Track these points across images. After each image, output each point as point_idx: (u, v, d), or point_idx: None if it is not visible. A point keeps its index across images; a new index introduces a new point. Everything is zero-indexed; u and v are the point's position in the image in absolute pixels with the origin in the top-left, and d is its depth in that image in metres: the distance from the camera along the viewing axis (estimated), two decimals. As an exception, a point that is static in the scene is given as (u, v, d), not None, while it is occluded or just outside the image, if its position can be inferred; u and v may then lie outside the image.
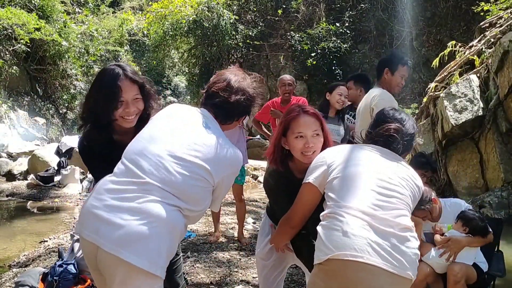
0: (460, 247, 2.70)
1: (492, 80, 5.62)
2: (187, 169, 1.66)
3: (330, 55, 10.03)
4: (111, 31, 16.29)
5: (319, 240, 1.68)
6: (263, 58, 12.06)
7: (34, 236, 5.06)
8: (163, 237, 1.59)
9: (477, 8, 6.87)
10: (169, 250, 1.63)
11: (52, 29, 12.70)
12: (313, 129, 1.98)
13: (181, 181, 1.65)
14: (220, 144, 1.77)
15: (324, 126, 2.04)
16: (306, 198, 1.89)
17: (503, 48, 5.26)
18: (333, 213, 1.70)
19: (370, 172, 1.78)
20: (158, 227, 1.58)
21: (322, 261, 1.64)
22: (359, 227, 1.61)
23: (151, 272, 1.55)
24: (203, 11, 11.21)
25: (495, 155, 5.37)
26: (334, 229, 1.65)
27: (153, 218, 1.58)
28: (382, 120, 1.96)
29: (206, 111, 1.87)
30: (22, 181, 8.47)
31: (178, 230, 1.66)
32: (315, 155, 1.97)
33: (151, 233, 1.56)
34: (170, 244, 1.62)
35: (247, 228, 4.98)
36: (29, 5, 13.04)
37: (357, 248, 1.57)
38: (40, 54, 13.24)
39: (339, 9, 11.18)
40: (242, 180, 4.48)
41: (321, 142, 2.02)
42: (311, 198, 1.88)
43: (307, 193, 1.90)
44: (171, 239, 1.63)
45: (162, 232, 1.59)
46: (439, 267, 2.76)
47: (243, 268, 3.75)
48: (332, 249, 1.61)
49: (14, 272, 3.75)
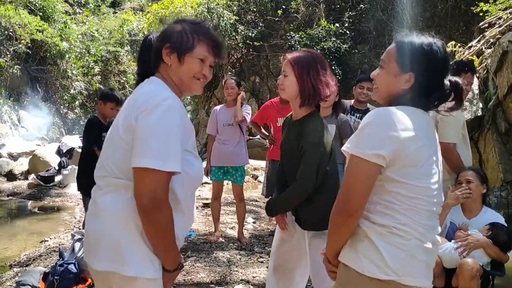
0: (478, 245, 2.72)
1: (491, 81, 5.63)
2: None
3: (329, 56, 10.04)
4: (112, 31, 16.31)
5: (376, 253, 1.39)
6: (263, 58, 12.07)
7: (35, 235, 5.08)
8: (116, 230, 1.36)
9: (476, 9, 6.88)
10: (134, 242, 1.35)
11: (53, 31, 12.72)
12: (283, 70, 2.22)
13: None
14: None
15: (296, 71, 2.16)
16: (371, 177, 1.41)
17: (502, 49, 5.28)
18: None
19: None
20: (105, 220, 1.40)
21: (379, 278, 1.39)
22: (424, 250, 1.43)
23: (126, 275, 1.33)
24: (203, 12, 11.23)
25: (494, 155, 5.38)
26: (398, 248, 1.40)
27: (99, 213, 1.41)
28: None
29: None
30: (23, 181, 8.49)
31: (123, 214, 1.36)
32: (286, 95, 2.21)
33: (100, 229, 1.39)
34: (129, 234, 1.35)
35: (247, 228, 5.00)
36: (30, 5, 13.07)
37: (419, 273, 1.42)
38: (41, 54, 13.27)
39: (338, 10, 11.20)
40: (242, 181, 4.50)
41: (291, 84, 2.17)
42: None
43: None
44: (126, 228, 1.35)
45: (110, 225, 1.38)
46: (449, 261, 2.78)
47: (243, 268, 3.76)
48: (395, 272, 1.38)
49: (15, 271, 3.76)
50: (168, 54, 1.46)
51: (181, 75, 1.47)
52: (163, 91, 1.41)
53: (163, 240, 1.36)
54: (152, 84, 1.47)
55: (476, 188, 2.90)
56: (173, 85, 1.48)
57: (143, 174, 1.29)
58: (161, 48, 1.47)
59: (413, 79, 1.46)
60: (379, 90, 1.56)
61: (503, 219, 2.91)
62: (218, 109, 4.62)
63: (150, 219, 1.31)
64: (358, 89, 4.19)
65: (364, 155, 1.37)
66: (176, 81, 1.48)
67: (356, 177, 1.40)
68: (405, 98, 1.48)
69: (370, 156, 1.37)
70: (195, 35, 1.47)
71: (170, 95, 1.40)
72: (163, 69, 1.49)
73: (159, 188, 1.29)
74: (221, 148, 4.44)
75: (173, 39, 1.46)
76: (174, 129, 1.33)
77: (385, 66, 1.53)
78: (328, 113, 3.95)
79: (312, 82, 2.14)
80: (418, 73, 1.46)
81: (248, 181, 8.44)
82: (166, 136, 1.31)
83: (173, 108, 1.35)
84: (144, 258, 1.35)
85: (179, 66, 1.46)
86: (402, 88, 1.48)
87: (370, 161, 1.37)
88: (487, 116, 5.55)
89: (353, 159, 1.40)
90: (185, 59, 1.45)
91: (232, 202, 6.35)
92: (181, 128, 1.36)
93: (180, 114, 1.38)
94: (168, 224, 1.34)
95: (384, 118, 1.41)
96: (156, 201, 1.29)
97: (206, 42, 1.48)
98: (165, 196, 1.32)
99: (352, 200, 1.39)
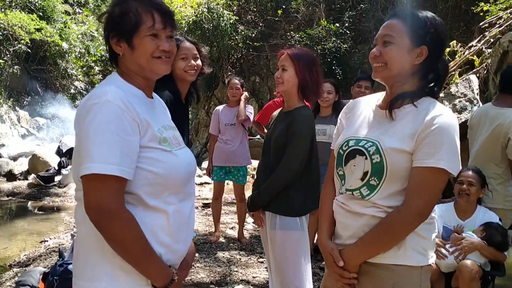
0: (472, 247, 2.71)
1: (492, 80, 5.62)
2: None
3: (330, 55, 10.02)
4: (112, 31, 16.28)
5: (421, 242, 1.44)
6: (263, 58, 12.06)
7: (34, 235, 5.08)
8: (87, 245, 1.23)
9: (477, 9, 6.87)
10: (105, 256, 1.19)
11: (53, 30, 12.72)
12: (282, 64, 2.28)
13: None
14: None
15: (297, 65, 2.24)
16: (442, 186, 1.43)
17: (503, 48, 5.27)
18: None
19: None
20: (79, 237, 1.28)
21: (426, 264, 1.47)
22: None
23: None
24: (203, 11, 11.22)
25: (494, 155, 5.38)
26: (431, 232, 1.52)
27: (78, 227, 1.29)
28: None
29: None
30: (22, 181, 8.49)
31: (86, 226, 1.19)
32: (283, 88, 2.27)
33: (77, 247, 1.27)
34: (101, 249, 1.18)
35: (247, 228, 4.99)
36: (30, 5, 13.06)
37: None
38: (41, 54, 13.27)
39: (339, 9, 11.18)
40: (243, 180, 4.51)
41: (291, 78, 2.25)
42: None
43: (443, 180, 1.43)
44: (97, 242, 1.18)
45: (83, 241, 1.25)
46: (446, 267, 2.78)
47: (243, 268, 3.76)
48: (432, 256, 1.49)
49: (14, 271, 3.76)
50: (117, 43, 1.27)
51: (138, 61, 1.27)
52: (104, 87, 1.21)
53: (129, 252, 1.17)
54: (102, 82, 1.32)
55: (476, 192, 2.86)
56: (134, 75, 1.30)
57: (85, 183, 1.14)
58: (108, 40, 1.28)
59: (426, 52, 1.42)
60: (388, 68, 1.43)
61: (497, 217, 2.88)
62: (220, 109, 4.62)
63: (104, 232, 1.14)
64: (356, 88, 4.17)
65: (455, 172, 1.38)
66: (135, 69, 1.29)
67: (438, 189, 1.40)
68: (412, 79, 1.46)
69: (457, 172, 1.39)
70: (135, 10, 1.25)
71: (110, 89, 1.19)
72: (121, 61, 1.31)
73: (104, 195, 1.12)
74: (223, 148, 4.44)
75: (115, 25, 1.27)
76: (110, 126, 1.14)
77: (394, 41, 1.42)
78: (328, 113, 3.96)
79: (313, 78, 2.26)
80: (430, 46, 1.42)
81: (248, 181, 8.41)
82: (101, 136, 1.13)
83: (111, 103, 1.15)
84: (116, 274, 1.20)
85: (132, 53, 1.26)
86: (414, 64, 1.43)
87: (453, 175, 1.40)
88: (487, 116, 5.53)
89: (441, 172, 1.36)
90: (134, 42, 1.25)
91: (232, 202, 6.34)
92: (127, 123, 1.17)
93: (121, 108, 1.16)
94: (128, 234, 1.15)
95: (455, 127, 1.39)
96: (104, 211, 1.12)
97: (151, 13, 1.25)
98: (116, 203, 1.14)
99: (431, 209, 1.42)
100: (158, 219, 1.24)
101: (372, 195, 1.43)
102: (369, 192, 1.43)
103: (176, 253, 1.30)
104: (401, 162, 1.39)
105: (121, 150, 1.14)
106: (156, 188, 1.24)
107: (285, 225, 2.22)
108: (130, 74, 1.30)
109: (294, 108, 2.31)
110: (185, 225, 1.33)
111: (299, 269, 2.22)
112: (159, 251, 1.23)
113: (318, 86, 2.32)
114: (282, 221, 2.22)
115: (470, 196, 2.86)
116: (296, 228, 2.23)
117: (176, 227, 1.27)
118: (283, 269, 2.23)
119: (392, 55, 1.42)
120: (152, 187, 1.23)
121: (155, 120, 1.28)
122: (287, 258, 2.22)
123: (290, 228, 2.22)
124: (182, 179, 1.31)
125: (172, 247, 1.27)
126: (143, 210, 1.21)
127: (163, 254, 1.24)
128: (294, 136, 2.20)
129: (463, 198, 2.88)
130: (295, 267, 2.22)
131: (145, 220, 1.20)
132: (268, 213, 2.30)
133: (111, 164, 1.12)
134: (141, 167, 1.20)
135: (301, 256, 2.23)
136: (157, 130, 1.27)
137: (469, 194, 2.85)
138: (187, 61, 2.34)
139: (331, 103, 3.94)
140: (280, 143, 2.25)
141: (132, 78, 1.30)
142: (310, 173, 2.27)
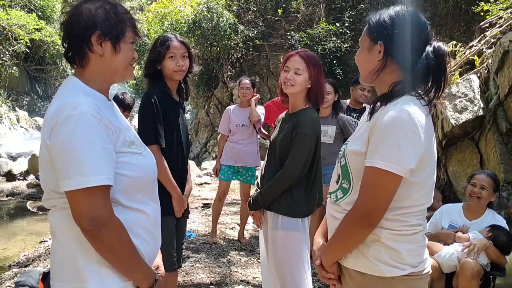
0: (483, 244, 2.73)
1: (492, 80, 5.61)
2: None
3: (330, 55, 10.01)
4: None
5: (389, 254, 1.38)
6: (263, 58, 12.05)
7: (34, 236, 5.07)
8: (72, 249, 1.23)
9: (477, 8, 6.86)
10: (91, 258, 1.20)
11: (53, 30, 12.71)
12: (296, 67, 2.23)
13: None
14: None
15: (310, 69, 2.23)
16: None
17: (503, 48, 5.26)
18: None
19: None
20: (58, 242, 1.28)
21: (400, 275, 1.40)
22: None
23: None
24: (203, 11, 11.20)
25: (495, 155, 5.37)
26: (410, 244, 1.40)
27: (54, 233, 1.29)
28: None
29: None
30: (22, 181, 8.48)
31: (75, 230, 1.20)
32: (294, 90, 2.25)
33: (59, 251, 1.27)
34: (85, 251, 1.20)
35: (247, 228, 4.98)
36: (29, 5, 13.05)
37: (425, 256, 1.48)
38: (40, 54, 13.25)
39: (339, 9, 11.17)
40: (252, 181, 4.50)
41: (304, 82, 2.24)
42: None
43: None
44: (81, 248, 1.20)
45: (66, 244, 1.25)
46: (447, 267, 2.78)
47: (243, 268, 3.75)
48: (411, 265, 1.40)
49: (14, 272, 3.75)
50: (99, 42, 1.24)
51: (116, 64, 1.28)
52: (73, 97, 1.20)
53: (119, 259, 1.21)
54: (64, 88, 1.28)
55: (487, 196, 2.89)
56: (100, 79, 1.30)
57: (75, 196, 1.15)
58: (88, 36, 1.24)
59: (382, 47, 1.39)
60: (360, 71, 1.49)
61: (505, 222, 2.90)
62: (231, 109, 4.63)
63: (97, 240, 1.16)
64: (359, 90, 4.14)
65: (398, 171, 1.27)
66: (108, 72, 1.29)
67: (384, 190, 1.30)
68: (384, 78, 1.40)
69: (405, 172, 1.28)
70: (119, 17, 1.28)
71: (82, 99, 1.19)
72: (93, 61, 1.27)
73: (96, 206, 1.15)
74: (233, 148, 4.44)
75: (102, 24, 1.24)
76: (92, 137, 1.16)
77: (360, 44, 1.48)
78: (328, 113, 3.95)
79: (321, 83, 2.29)
80: (385, 41, 1.38)
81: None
82: (87, 150, 1.15)
83: (87, 114, 1.16)
84: (104, 275, 1.22)
85: (114, 56, 1.27)
86: (377, 60, 1.41)
87: (400, 175, 1.29)
88: (488, 116, 5.53)
89: (381, 173, 1.28)
90: (121, 47, 1.27)
91: (232, 203, 6.34)
92: (103, 132, 1.19)
93: (96, 118, 1.18)
94: (119, 241, 1.19)
95: (399, 124, 1.29)
96: (98, 220, 1.15)
97: (130, 22, 1.30)
98: (108, 211, 1.17)
99: (379, 213, 1.32)
100: (139, 219, 1.29)
101: (344, 198, 1.46)
102: (342, 195, 1.46)
103: (155, 249, 1.37)
104: (361, 163, 1.36)
105: (105, 159, 1.18)
106: (132, 191, 1.28)
107: (287, 225, 2.21)
108: (95, 77, 1.29)
109: (300, 109, 2.31)
110: (158, 224, 1.39)
111: (299, 269, 2.22)
112: (141, 248, 1.27)
113: (324, 91, 2.34)
114: (284, 222, 2.22)
115: (480, 200, 2.89)
116: (298, 229, 2.23)
117: (153, 225, 1.34)
118: (283, 269, 2.23)
119: (358, 59, 1.49)
120: (128, 190, 1.27)
121: (121, 124, 1.31)
122: (288, 258, 2.22)
123: (292, 229, 2.21)
124: (152, 178, 1.38)
125: (151, 244, 1.33)
126: (122, 211, 1.24)
127: (144, 251, 1.29)
128: (299, 138, 2.20)
129: (473, 201, 2.92)
130: (296, 268, 2.22)
131: (127, 220, 1.24)
132: (270, 213, 2.29)
133: (101, 174, 1.16)
134: (117, 172, 1.23)
135: (302, 256, 2.24)
136: (126, 134, 1.30)
137: (480, 197, 2.89)
138: (175, 60, 2.32)
139: (330, 103, 3.93)
140: (285, 144, 2.24)
141: (94, 82, 1.29)
142: (313, 175, 2.26)
